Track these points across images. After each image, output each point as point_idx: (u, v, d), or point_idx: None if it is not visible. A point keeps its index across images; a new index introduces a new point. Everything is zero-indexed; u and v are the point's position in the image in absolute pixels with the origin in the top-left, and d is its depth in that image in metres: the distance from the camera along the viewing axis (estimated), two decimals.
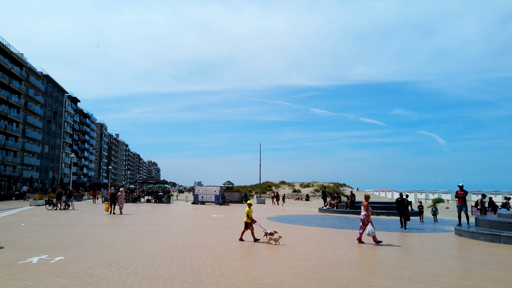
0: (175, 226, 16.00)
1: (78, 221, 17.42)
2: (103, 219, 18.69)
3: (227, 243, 11.45)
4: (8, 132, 57.17)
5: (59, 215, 20.28)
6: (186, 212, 26.37)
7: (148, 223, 17.28)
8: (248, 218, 11.76)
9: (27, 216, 19.55)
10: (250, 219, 11.77)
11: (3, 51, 56.28)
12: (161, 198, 38.87)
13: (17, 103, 59.98)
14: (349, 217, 23.53)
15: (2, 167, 56.56)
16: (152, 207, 31.29)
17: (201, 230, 14.72)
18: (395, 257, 9.58)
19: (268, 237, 11.57)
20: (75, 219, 18.39)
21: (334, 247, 11.15)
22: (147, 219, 19.21)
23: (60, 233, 12.74)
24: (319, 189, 60.41)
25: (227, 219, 20.72)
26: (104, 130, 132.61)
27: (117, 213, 22.90)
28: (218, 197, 37.87)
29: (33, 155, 69.14)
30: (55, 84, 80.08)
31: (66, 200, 25.08)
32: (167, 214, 23.80)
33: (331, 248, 10.93)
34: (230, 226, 16.76)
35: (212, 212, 26.61)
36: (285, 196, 45.40)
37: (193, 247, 10.52)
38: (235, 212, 27.40)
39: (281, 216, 23.85)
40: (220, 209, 29.88)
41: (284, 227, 16.71)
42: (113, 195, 23.16)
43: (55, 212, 22.25)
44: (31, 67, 67.46)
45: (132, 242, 11.06)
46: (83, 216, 20.14)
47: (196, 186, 38.77)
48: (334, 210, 27.32)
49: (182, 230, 14.71)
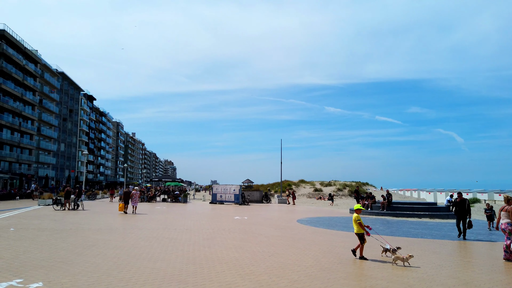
0: (195, 232, 13.48)
1: (84, 224, 15.13)
2: (112, 222, 16.37)
3: (264, 259, 8.82)
4: (23, 130, 56.14)
5: (65, 217, 18.10)
6: (204, 213, 23.93)
7: (163, 226, 14.84)
8: (361, 227, 8.86)
9: (28, 218, 17.41)
10: (364, 228, 8.88)
11: (17, 47, 55.23)
12: (178, 197, 36.65)
13: (32, 100, 58.97)
14: (390, 220, 20.58)
15: (17, 165, 55.57)
16: (168, 206, 29.03)
17: (226, 237, 12.15)
18: None
19: (393, 256, 8.43)
20: (81, 221, 16.13)
21: (484, 270, 8.35)
22: (162, 222, 16.80)
23: (54, 242, 10.36)
24: (341, 188, 57.26)
25: (252, 222, 18.11)
26: (121, 129, 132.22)
27: (130, 212, 21.62)
28: (237, 197, 35.37)
29: (49, 153, 68.28)
30: (70, 82, 79.22)
31: (75, 200, 23.00)
32: (184, 215, 21.39)
33: (485, 271, 8.08)
34: (258, 231, 14.13)
35: (232, 213, 24.09)
36: (295, 194, 41.81)
37: (220, 264, 7.94)
38: (258, 213, 24.80)
39: (313, 218, 21.12)
40: (240, 210, 27.35)
41: (334, 235, 13.99)
42: (126, 193, 21.81)
43: (62, 213, 20.12)
44: (46, 64, 66.48)
45: (141, 256, 8.56)
46: (92, 218, 17.89)
47: (214, 185, 36.38)
48: (369, 211, 24.39)
49: (203, 237, 12.17)
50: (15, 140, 54.03)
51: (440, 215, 22.56)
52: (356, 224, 8.93)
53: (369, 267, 8.00)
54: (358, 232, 8.91)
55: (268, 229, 14.97)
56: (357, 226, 8.93)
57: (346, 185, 58.56)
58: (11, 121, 53.12)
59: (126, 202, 21.43)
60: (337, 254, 9.48)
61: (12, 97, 53.87)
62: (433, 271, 7.77)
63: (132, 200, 21.63)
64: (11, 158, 53.18)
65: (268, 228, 15.17)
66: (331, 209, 31.83)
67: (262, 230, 14.61)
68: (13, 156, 53.72)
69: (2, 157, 50.92)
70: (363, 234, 8.87)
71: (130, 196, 21.55)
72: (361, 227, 8.87)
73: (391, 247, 8.80)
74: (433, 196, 56.27)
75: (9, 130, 53.32)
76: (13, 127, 53.50)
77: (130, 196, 21.55)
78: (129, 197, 21.50)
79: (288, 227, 16.04)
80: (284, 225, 16.67)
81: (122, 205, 21.55)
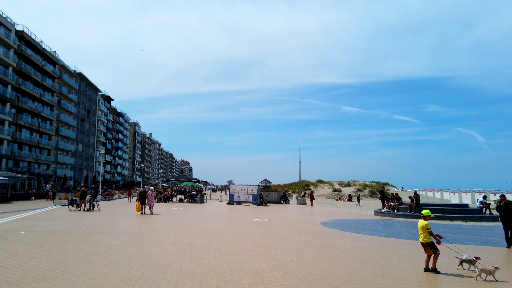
0: (214, 236, 12.55)
1: (98, 226, 14.41)
2: (127, 224, 15.62)
3: (295, 269, 7.78)
4: (41, 130, 56.65)
5: (79, 218, 17.49)
6: (222, 214, 23.03)
7: (180, 229, 13.98)
8: (431, 236, 7.73)
9: (41, 219, 16.85)
10: (434, 237, 7.76)
11: (35, 48, 55.78)
12: (195, 198, 35.93)
13: (50, 101, 59.49)
14: None
15: (35, 166, 56.14)
16: (185, 207, 28.30)
17: (248, 242, 11.16)
18: None
19: (478, 268, 7.13)
20: (95, 223, 15.44)
21: None
22: (179, 224, 15.96)
23: (64, 248, 9.59)
24: (361, 189, 55.59)
25: (273, 225, 17.07)
26: (138, 129, 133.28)
27: (148, 213, 21.22)
28: (255, 197, 34.38)
29: (67, 153, 68.91)
30: (88, 83, 79.91)
31: (91, 200, 22.46)
32: (202, 216, 20.53)
33: None
34: (282, 235, 13.09)
35: (251, 214, 23.12)
36: (313, 195, 40.22)
37: (246, 276, 6.94)
38: (278, 215, 23.76)
39: (337, 221, 19.94)
40: (259, 211, 26.36)
41: (365, 240, 12.83)
42: (142, 194, 21.34)
43: (77, 214, 19.55)
44: (64, 65, 67.09)
45: (156, 266, 7.64)
46: (106, 220, 17.21)
47: (232, 185, 35.51)
48: (395, 213, 23.01)
49: (224, 242, 11.22)
50: (34, 141, 54.55)
51: (473, 217, 21.05)
52: (425, 232, 7.74)
53: (446, 283, 6.84)
54: (425, 242, 7.74)
55: (292, 233, 13.92)
56: (425, 235, 7.75)
57: (367, 186, 56.86)
58: (30, 121, 53.65)
59: (143, 202, 21.16)
60: (376, 265, 8.35)
61: (31, 98, 54.42)
62: None
63: (148, 200, 21.36)
64: (30, 159, 53.71)
65: (292, 232, 14.11)
66: (354, 210, 30.49)
67: (286, 234, 13.57)
68: (32, 156, 54.25)
69: (21, 157, 51.44)
70: (431, 242, 7.70)
71: (146, 196, 21.26)
72: (431, 236, 7.70)
73: (470, 258, 7.59)
74: (458, 197, 53.96)
75: (28, 130, 53.88)
76: (32, 127, 54.02)
77: (146, 196, 21.27)
78: (145, 197, 21.24)
79: (314, 231, 14.95)
80: (308, 229, 15.58)
81: (139, 205, 21.25)
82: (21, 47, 51.15)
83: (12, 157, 49.30)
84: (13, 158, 49.70)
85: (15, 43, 49.67)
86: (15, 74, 50.31)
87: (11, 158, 49.30)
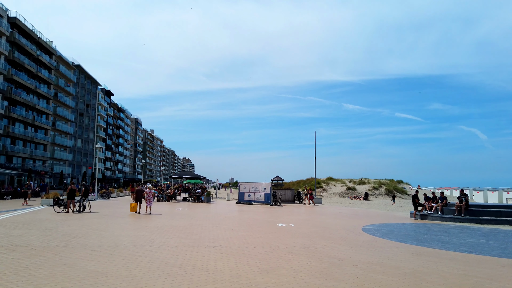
0: (239, 253, 9.03)
1: (81, 236, 10.96)
2: (120, 232, 12.15)
3: None
4: (36, 124, 53.31)
5: (61, 223, 14.04)
6: (235, 217, 19.54)
7: (190, 241, 10.49)
8: None
9: (12, 225, 13.38)
10: None
11: (30, 37, 52.38)
12: (200, 197, 32.50)
13: (46, 94, 56.12)
14: (476, 228, 15.62)
15: (30, 161, 52.85)
16: (190, 207, 24.85)
17: (294, 267, 7.63)
18: None
19: None
20: (78, 231, 11.98)
21: None
22: (188, 232, 12.47)
23: (11, 280, 6.10)
24: (377, 187, 51.92)
25: (307, 233, 13.55)
26: (139, 126, 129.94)
27: (143, 212, 18.74)
28: (268, 196, 30.89)
29: (65, 149, 65.61)
30: (87, 76, 76.52)
31: (80, 200, 19.03)
32: (213, 220, 17.01)
33: None
34: (332, 252, 9.57)
35: (270, 216, 19.63)
36: (311, 193, 35.67)
37: None
38: (301, 217, 20.28)
39: (380, 226, 16.39)
40: (276, 213, 22.89)
41: (452, 260, 9.31)
42: (139, 192, 18.61)
43: (62, 218, 16.11)
44: (61, 56, 63.68)
45: None
46: (96, 225, 13.76)
47: (242, 182, 32.04)
48: (440, 216, 19.46)
49: (258, 265, 7.69)
50: (28, 135, 51.24)
51: None
52: None
53: None
54: None
55: (340, 247, 10.40)
56: None
57: (382, 184, 53.20)
58: (25, 114, 50.32)
59: (139, 201, 18.73)
60: None
61: (25, 90, 51.08)
62: None
63: (146, 200, 18.98)
64: (24, 154, 50.41)
65: (340, 246, 10.60)
66: (383, 211, 26.94)
67: (334, 248, 10.05)
68: (26, 151, 50.96)
69: (15, 152, 48.12)
70: None
71: (143, 194, 18.87)
72: None
73: None
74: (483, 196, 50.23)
75: (22, 124, 50.56)
76: (27, 121, 50.69)
77: (143, 195, 18.89)
78: (142, 196, 18.82)
79: (365, 242, 11.42)
80: (355, 239, 12.06)
81: (135, 205, 18.70)
82: (13, 35, 47.72)
83: (4, 152, 45.97)
84: (5, 154, 46.36)
85: (7, 30, 46.26)
86: (7, 64, 46.93)
87: (3, 153, 45.98)
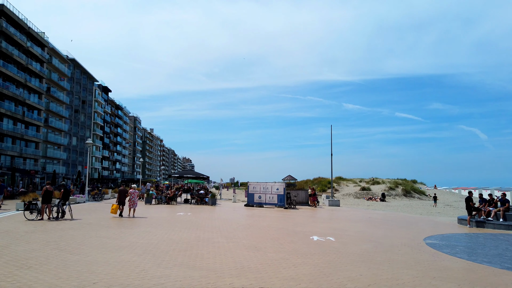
0: None
1: (33, 264, 7.33)
2: (96, 256, 8.48)
3: None
4: (27, 120, 49.64)
5: (21, 238, 10.41)
6: (251, 225, 15.91)
7: (197, 275, 6.86)
8: None
9: None
10: None
11: (20, 27, 48.68)
12: (204, 198, 28.88)
13: (38, 88, 52.49)
14: None
15: (21, 160, 49.23)
16: (193, 211, 21.22)
17: None
18: None
19: None
20: (36, 254, 8.34)
21: None
22: (191, 252, 8.83)
23: None
24: (393, 187, 48.27)
25: (358, 252, 9.91)
26: (138, 124, 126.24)
27: (125, 216, 16.93)
28: (282, 198, 27.26)
29: (59, 147, 61.97)
30: (83, 71, 72.88)
31: (59, 205, 15.41)
32: (224, 230, 13.37)
33: None
34: None
35: (291, 224, 15.99)
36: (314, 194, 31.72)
37: None
38: (331, 225, 16.65)
39: (440, 238, 12.76)
40: (295, 218, 19.28)
41: None
42: (121, 192, 16.52)
43: (30, 227, 12.49)
44: (54, 48, 59.96)
45: None
46: (68, 240, 10.13)
47: (251, 182, 28.43)
48: (501, 223, 15.86)
49: None
50: (17, 132, 47.61)
51: None
52: None
53: None
54: None
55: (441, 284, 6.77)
56: None
57: (398, 184, 49.52)
58: (14, 109, 46.69)
59: (121, 203, 16.80)
60: None
61: (14, 83, 47.42)
62: None
63: (129, 202, 17.13)
64: (13, 152, 46.79)
65: (435, 281, 6.97)
66: (423, 216, 23.31)
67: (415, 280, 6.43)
68: (15, 149, 47.34)
69: (2, 150, 44.47)
70: None
71: (126, 195, 17.07)
72: None
73: None
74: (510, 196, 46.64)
75: (11, 120, 46.91)
76: (16, 116, 47.03)
77: (126, 196, 17.05)
78: (125, 197, 16.94)
79: (461, 270, 7.78)
80: (426, 260, 8.42)
81: (116, 206, 16.62)
82: (1, 23, 44.08)
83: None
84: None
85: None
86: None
87: None
